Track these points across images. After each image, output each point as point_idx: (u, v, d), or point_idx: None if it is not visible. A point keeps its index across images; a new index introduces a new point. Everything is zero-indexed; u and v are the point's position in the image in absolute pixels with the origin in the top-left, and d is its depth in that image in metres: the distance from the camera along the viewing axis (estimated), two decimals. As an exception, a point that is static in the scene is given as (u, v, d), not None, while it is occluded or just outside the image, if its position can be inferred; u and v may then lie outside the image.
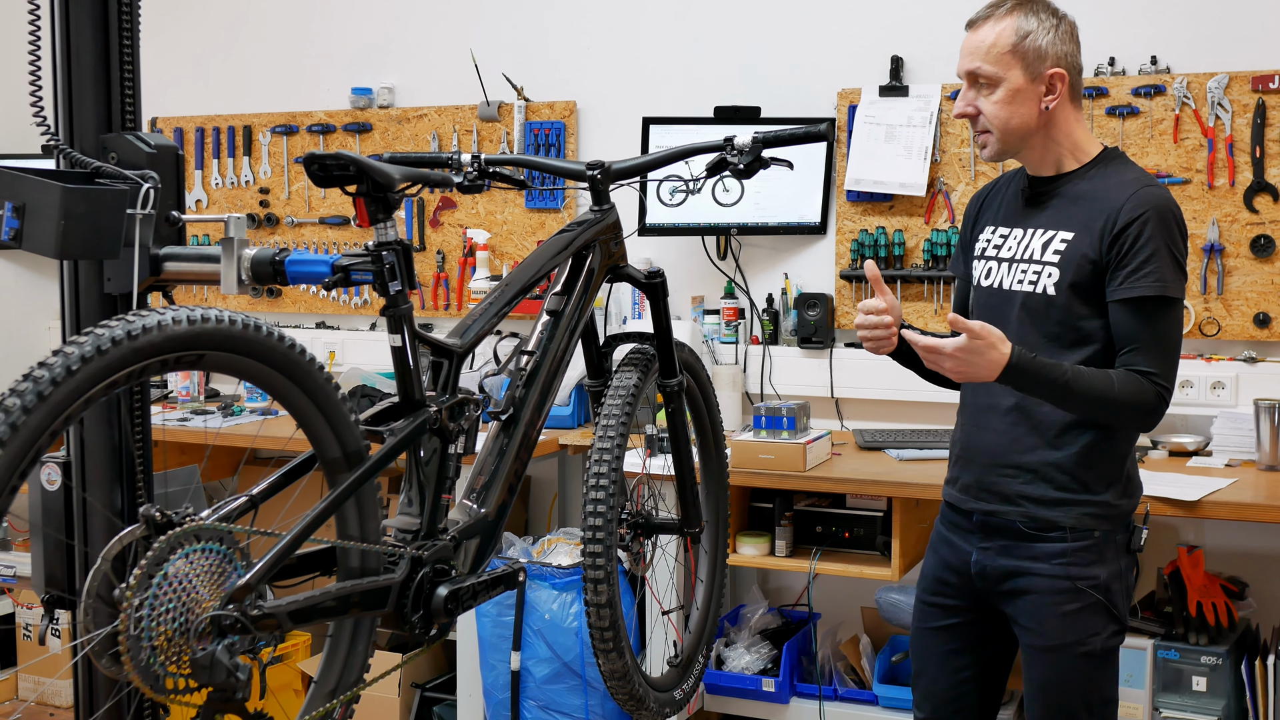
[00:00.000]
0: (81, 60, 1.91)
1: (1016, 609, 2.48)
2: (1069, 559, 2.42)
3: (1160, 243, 2.34)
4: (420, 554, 1.93)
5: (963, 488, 2.55)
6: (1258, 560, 3.77)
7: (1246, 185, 3.78)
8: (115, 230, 1.80)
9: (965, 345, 2.27)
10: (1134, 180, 2.41)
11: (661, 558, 2.89)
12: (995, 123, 2.43)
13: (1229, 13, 3.84)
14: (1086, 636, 2.42)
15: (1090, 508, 2.42)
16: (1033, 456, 2.44)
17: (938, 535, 2.64)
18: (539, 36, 4.69)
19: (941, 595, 2.60)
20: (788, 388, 4.30)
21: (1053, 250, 2.43)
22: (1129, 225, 2.34)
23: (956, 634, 2.60)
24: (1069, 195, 2.45)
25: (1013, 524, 2.46)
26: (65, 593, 1.95)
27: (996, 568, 2.49)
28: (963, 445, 2.58)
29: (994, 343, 2.27)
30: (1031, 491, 2.44)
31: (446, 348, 2.03)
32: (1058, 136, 2.46)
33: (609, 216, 2.43)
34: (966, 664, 2.61)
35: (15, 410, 1.37)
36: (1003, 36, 2.40)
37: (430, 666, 4.30)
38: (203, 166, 5.20)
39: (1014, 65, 2.40)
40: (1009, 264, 2.50)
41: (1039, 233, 2.46)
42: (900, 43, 4.19)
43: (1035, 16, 2.42)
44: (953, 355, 2.28)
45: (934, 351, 2.30)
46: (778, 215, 4.28)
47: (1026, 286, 2.45)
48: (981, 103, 2.44)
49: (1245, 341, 3.84)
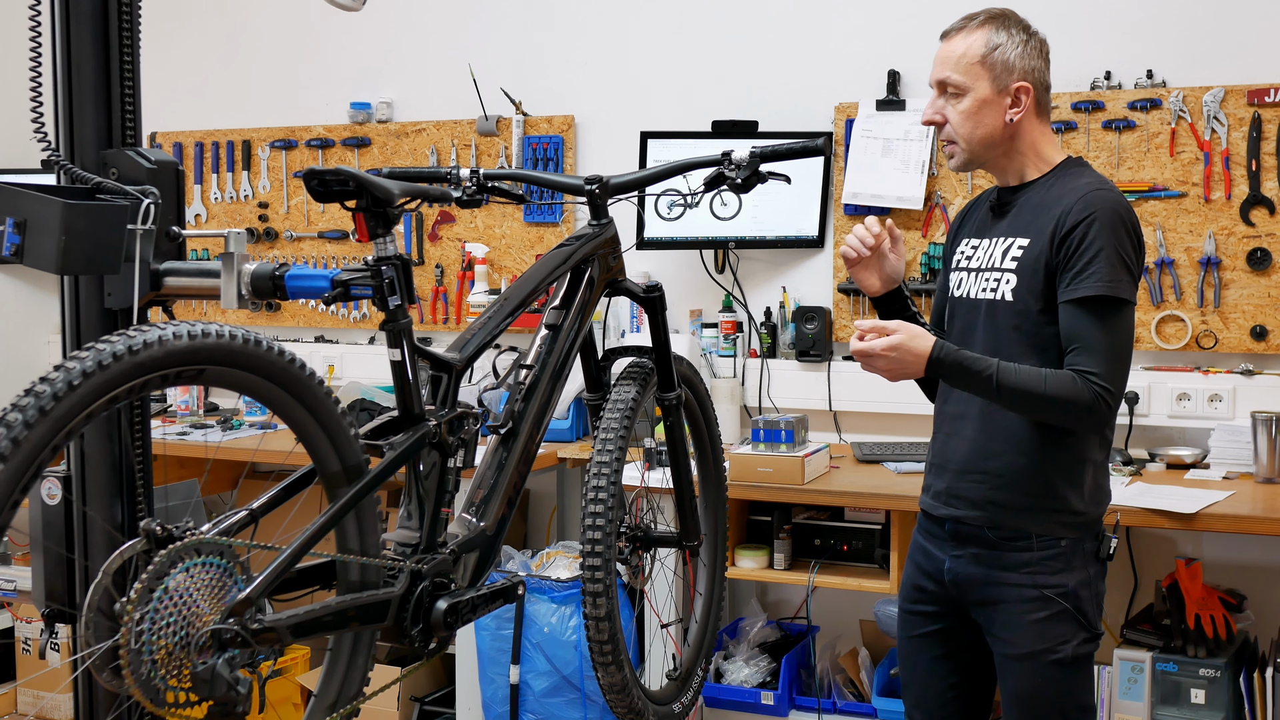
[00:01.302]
0: (82, 76, 1.91)
1: (988, 618, 2.50)
2: (1036, 568, 2.44)
3: (1106, 243, 2.35)
4: (420, 567, 1.93)
5: (935, 494, 2.58)
6: (1256, 573, 3.77)
7: (1243, 198, 3.80)
8: (116, 245, 1.80)
9: (891, 344, 2.35)
10: (1085, 185, 2.43)
11: (660, 571, 2.90)
12: (961, 131, 2.49)
13: (1224, 27, 3.85)
14: (1057, 644, 2.44)
15: (1057, 515, 2.44)
16: (999, 462, 2.46)
17: (914, 544, 2.67)
18: (537, 51, 4.71)
19: (921, 603, 2.63)
20: (786, 401, 4.31)
21: (1010, 257, 2.46)
22: (1075, 227, 2.37)
23: (939, 640, 2.62)
24: (1029, 204, 2.49)
25: (981, 531, 2.48)
26: (66, 607, 1.95)
27: (968, 575, 2.51)
28: (935, 453, 2.61)
29: (914, 336, 2.36)
30: (999, 498, 2.46)
31: (446, 362, 2.04)
32: (1022, 148, 2.50)
33: (607, 231, 2.44)
34: (952, 670, 2.62)
35: (17, 425, 1.38)
36: (973, 48, 2.46)
37: (429, 680, 4.30)
38: (202, 181, 5.21)
39: (982, 76, 2.46)
40: (975, 274, 2.54)
41: (1000, 241, 2.50)
42: (897, 57, 4.21)
43: (1006, 31, 2.47)
44: (883, 354, 2.36)
45: (865, 355, 2.38)
46: (776, 229, 4.29)
47: (989, 294, 2.49)
48: (948, 111, 2.50)
49: (1242, 354, 3.85)
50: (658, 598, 3.48)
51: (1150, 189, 3.87)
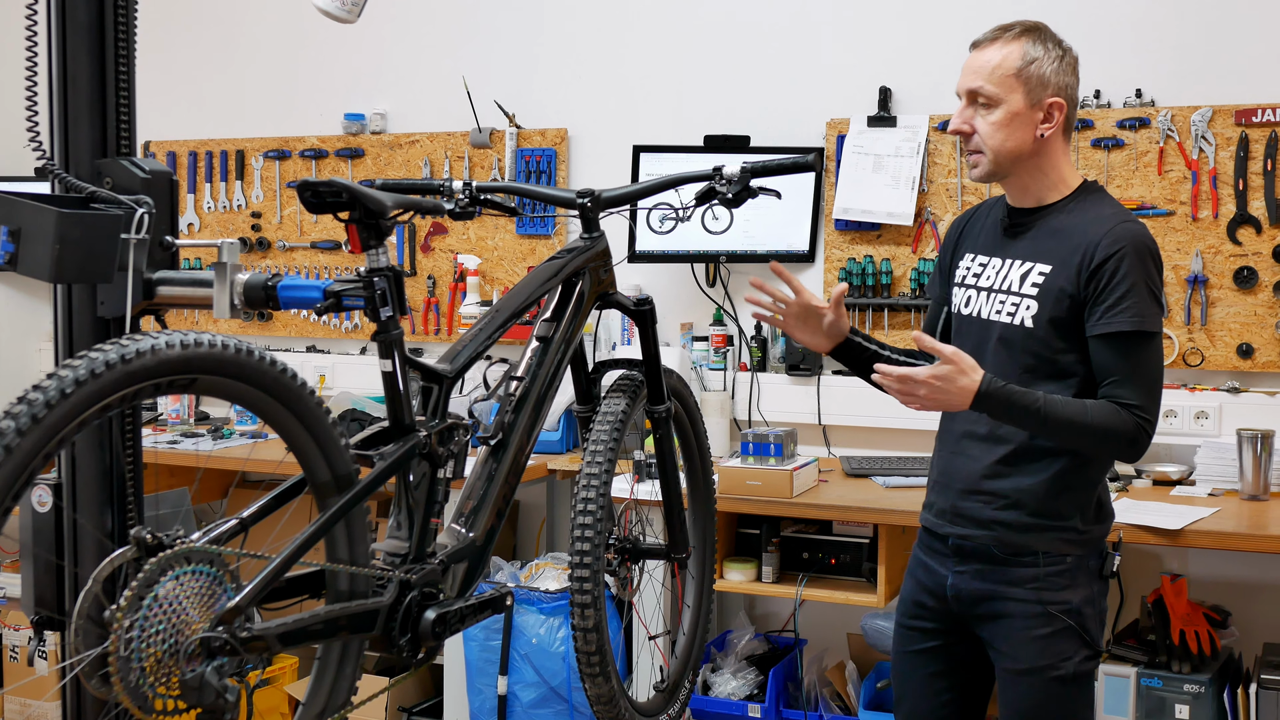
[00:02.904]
0: (77, 85, 1.91)
1: (991, 633, 2.51)
2: (1041, 584, 2.44)
3: (1137, 277, 2.36)
4: (409, 577, 1.94)
5: (938, 512, 2.57)
6: (1240, 589, 3.79)
7: (1230, 217, 3.82)
8: (109, 254, 1.81)
9: (939, 372, 2.29)
10: (1111, 215, 2.43)
11: (649, 583, 2.91)
12: (990, 143, 2.44)
13: (1213, 47, 3.88)
14: (1059, 660, 2.44)
15: (1063, 533, 2.45)
16: (1006, 483, 2.46)
17: (915, 560, 2.66)
18: (531, 65, 4.73)
19: (920, 619, 2.62)
20: (775, 414, 4.32)
21: (1030, 283, 2.44)
22: (1106, 261, 2.36)
23: (936, 657, 2.62)
24: (1047, 228, 2.47)
25: (986, 548, 2.48)
26: (55, 614, 1.95)
27: (971, 591, 2.51)
28: (939, 470, 2.60)
29: (965, 369, 2.30)
30: (1005, 517, 2.46)
31: (437, 373, 2.05)
32: (1045, 166, 2.47)
33: (599, 244, 2.45)
34: (947, 687, 2.62)
35: (9, 433, 1.38)
36: (1009, 59, 2.42)
37: (417, 690, 4.30)
38: (195, 190, 5.22)
39: (1016, 89, 2.42)
40: (987, 293, 2.52)
41: (1017, 264, 2.48)
42: (888, 74, 4.23)
43: (1043, 44, 2.44)
44: (927, 382, 2.30)
45: (908, 380, 2.31)
46: (767, 243, 4.31)
47: (1004, 318, 2.47)
48: (978, 121, 2.45)
49: (1229, 372, 3.87)
50: (646, 610, 3.49)
51: (1139, 207, 3.89)
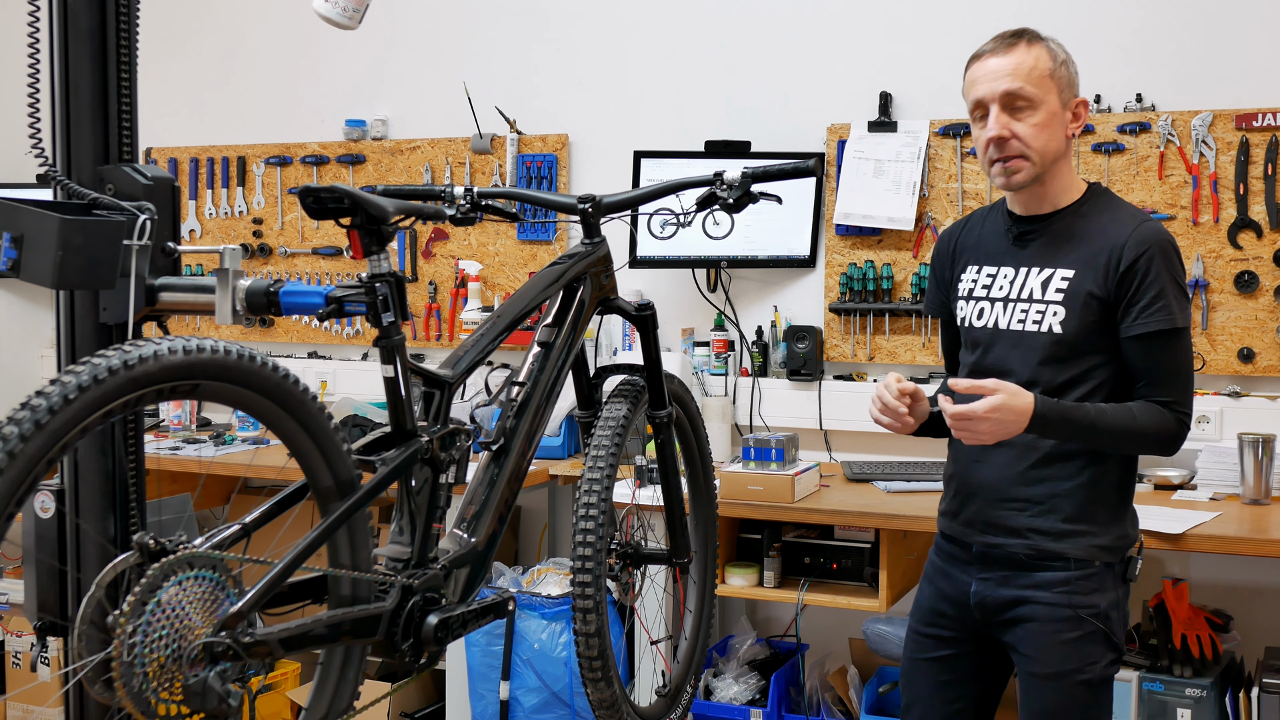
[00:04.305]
0: (80, 92, 1.92)
1: (1016, 637, 2.48)
2: (1071, 587, 2.42)
3: (1167, 276, 2.38)
4: (411, 582, 1.94)
5: (965, 521, 2.54)
6: (1242, 593, 3.79)
7: (1230, 221, 3.83)
8: (112, 261, 1.81)
9: (995, 403, 2.28)
10: (1130, 216, 2.45)
11: (650, 588, 2.91)
12: (1035, 144, 2.39)
13: (1213, 52, 3.89)
14: (1086, 664, 2.43)
15: (1096, 539, 2.44)
16: (1040, 489, 2.45)
17: (933, 567, 2.64)
18: (532, 71, 4.73)
19: (937, 626, 2.60)
20: (777, 419, 4.32)
21: (1054, 289, 2.43)
22: (1136, 261, 2.37)
23: (951, 665, 2.60)
24: (1061, 233, 2.47)
25: (1015, 555, 2.47)
26: (58, 619, 1.96)
27: (996, 598, 2.49)
28: (962, 479, 2.57)
29: (1014, 393, 2.30)
30: (1040, 524, 2.44)
31: (438, 378, 2.05)
32: (1064, 169, 2.47)
33: (600, 249, 2.46)
34: (960, 695, 2.61)
35: (13, 439, 1.38)
36: (1041, 61, 2.40)
37: (419, 696, 4.30)
38: (197, 196, 5.23)
39: (1052, 89, 2.41)
40: (1004, 303, 2.49)
41: (1034, 271, 2.46)
42: (889, 79, 4.24)
43: (1059, 48, 2.45)
44: (986, 417, 2.28)
45: (967, 418, 2.29)
46: (767, 248, 4.31)
47: (1030, 326, 2.45)
48: (1018, 126, 2.39)
49: (1230, 376, 3.87)
50: (648, 615, 3.49)
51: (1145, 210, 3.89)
